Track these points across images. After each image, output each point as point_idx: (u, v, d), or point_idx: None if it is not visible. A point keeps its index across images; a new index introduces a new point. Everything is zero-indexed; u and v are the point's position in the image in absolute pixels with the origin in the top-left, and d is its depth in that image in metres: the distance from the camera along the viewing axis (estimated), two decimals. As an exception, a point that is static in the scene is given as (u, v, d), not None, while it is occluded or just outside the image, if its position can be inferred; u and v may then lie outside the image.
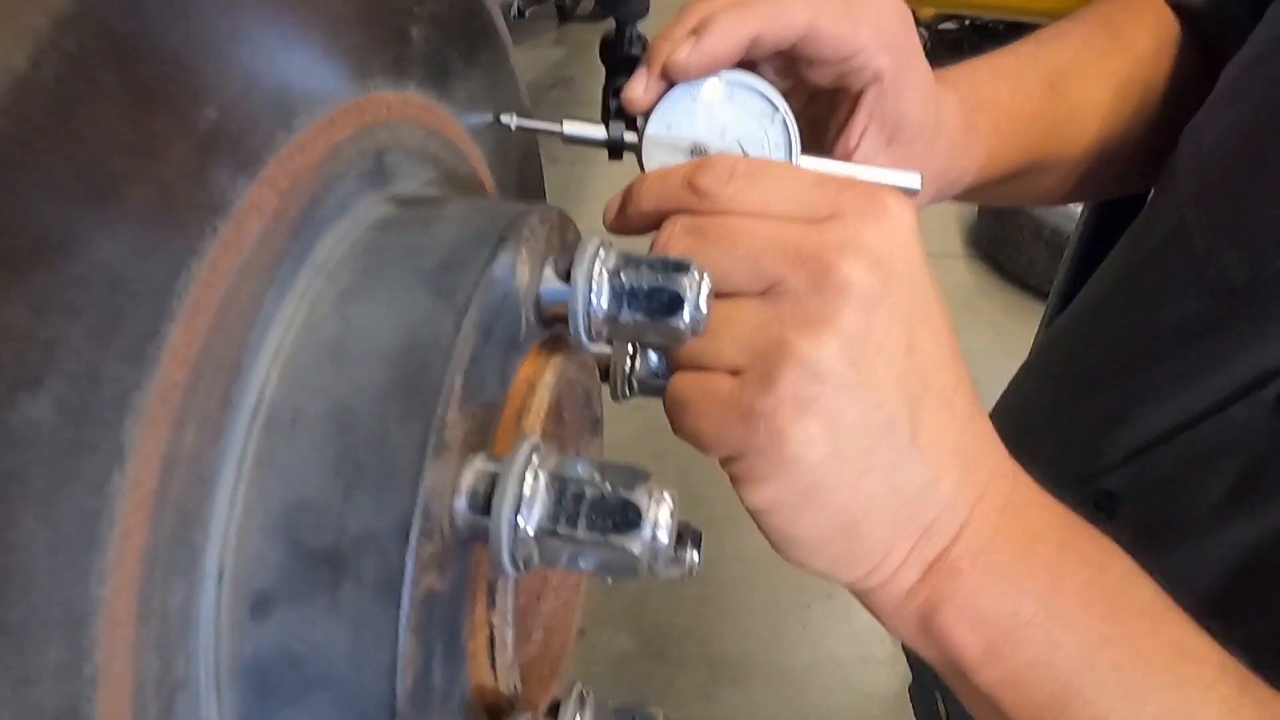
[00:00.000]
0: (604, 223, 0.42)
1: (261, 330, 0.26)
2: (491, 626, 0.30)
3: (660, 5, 0.46)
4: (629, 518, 0.25)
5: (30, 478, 0.18)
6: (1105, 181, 0.67)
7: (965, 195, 0.58)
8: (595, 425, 0.43)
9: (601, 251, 0.33)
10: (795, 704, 1.89)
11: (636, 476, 0.26)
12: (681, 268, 0.33)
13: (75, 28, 0.18)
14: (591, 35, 3.02)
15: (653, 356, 0.43)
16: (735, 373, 0.34)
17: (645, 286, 0.32)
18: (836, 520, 0.33)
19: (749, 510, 0.35)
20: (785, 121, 0.43)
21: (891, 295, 0.33)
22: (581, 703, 0.31)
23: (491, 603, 0.30)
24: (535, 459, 0.26)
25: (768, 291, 0.34)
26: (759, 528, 0.36)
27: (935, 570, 0.35)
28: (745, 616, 1.95)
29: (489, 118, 0.43)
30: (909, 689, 0.94)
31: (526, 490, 0.26)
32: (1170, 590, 0.36)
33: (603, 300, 0.32)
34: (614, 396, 0.44)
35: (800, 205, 0.35)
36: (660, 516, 0.26)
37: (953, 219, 3.08)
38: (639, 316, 0.33)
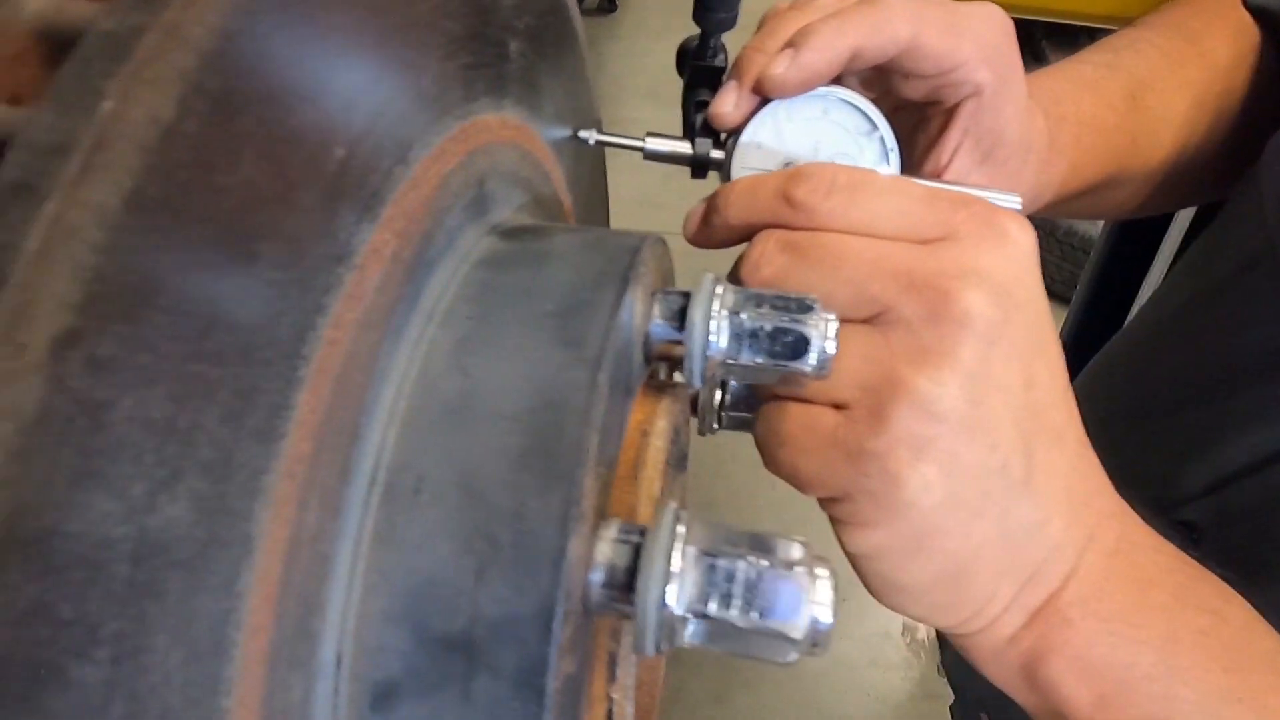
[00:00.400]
0: (684, 234, 0.39)
1: (378, 388, 0.23)
2: (611, 701, 0.27)
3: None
4: (788, 600, 0.23)
5: (166, 589, 0.16)
6: (1180, 194, 0.64)
7: (1039, 211, 0.55)
8: (681, 460, 0.41)
9: (719, 289, 0.30)
10: (807, 708, 1.88)
11: (792, 551, 0.24)
12: (806, 306, 0.30)
13: (219, 66, 0.16)
14: (598, 29, 2.99)
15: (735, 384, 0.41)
16: (839, 406, 0.31)
17: (768, 327, 0.30)
18: (944, 566, 0.31)
19: (850, 555, 0.33)
20: (884, 139, 0.41)
21: (1012, 328, 0.30)
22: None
23: (611, 675, 0.27)
24: (680, 530, 0.24)
25: (875, 319, 0.31)
26: (857, 572, 0.33)
27: (1042, 617, 0.33)
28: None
29: (569, 133, 0.41)
30: (950, 708, 0.92)
31: (675, 567, 0.23)
32: None
33: (722, 342, 0.30)
34: (701, 430, 0.41)
35: (909, 224, 0.32)
36: (821, 595, 0.23)
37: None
38: (759, 359, 0.30)
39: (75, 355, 0.13)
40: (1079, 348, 1.53)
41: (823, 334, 0.30)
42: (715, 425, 0.41)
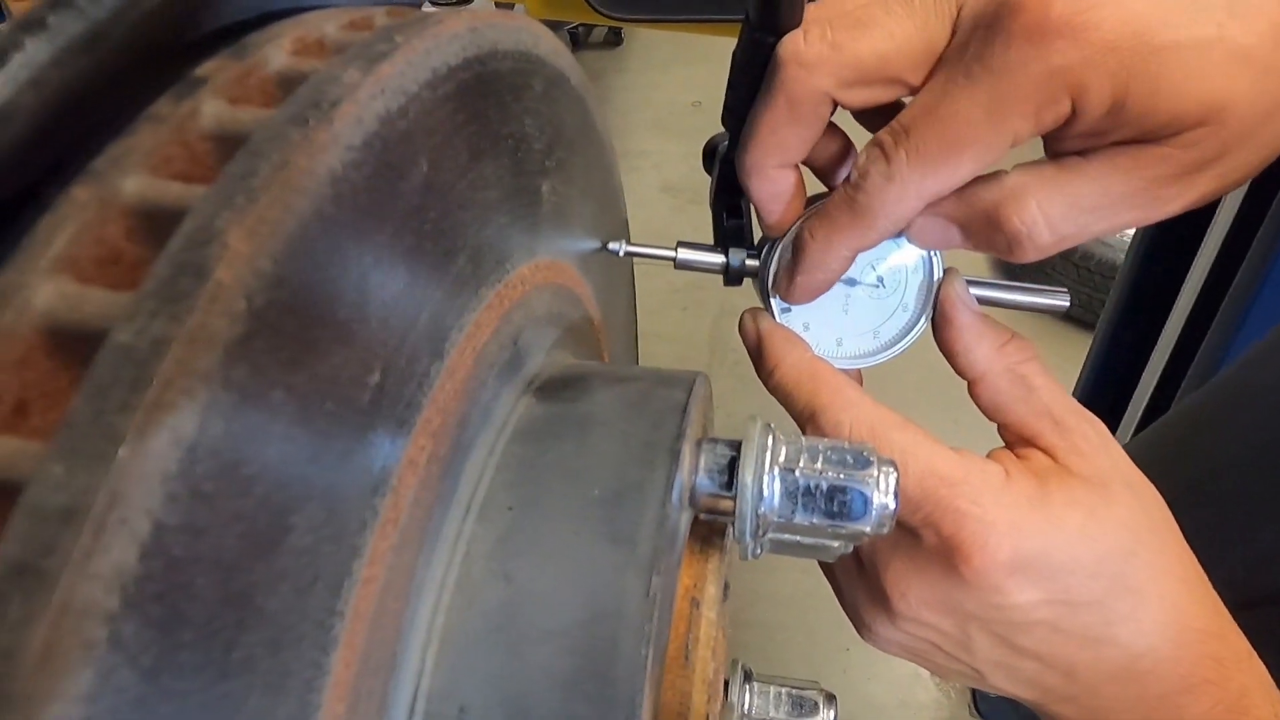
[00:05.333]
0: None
1: (414, 607, 0.21)
2: None
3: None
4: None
5: None
6: None
7: None
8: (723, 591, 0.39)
9: (770, 443, 0.28)
10: (834, 749, 1.83)
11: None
12: (863, 461, 0.28)
13: (246, 357, 0.14)
14: (605, 62, 2.98)
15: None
16: None
17: (824, 486, 0.28)
18: None
19: None
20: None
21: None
22: None
23: None
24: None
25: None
26: None
27: None
28: (782, 661, 1.89)
29: (597, 246, 0.39)
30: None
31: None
32: None
33: (775, 502, 0.28)
34: (743, 556, 0.39)
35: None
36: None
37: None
38: (815, 519, 0.28)
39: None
40: (1104, 377, 1.49)
41: (884, 490, 0.28)
42: (759, 551, 0.39)
